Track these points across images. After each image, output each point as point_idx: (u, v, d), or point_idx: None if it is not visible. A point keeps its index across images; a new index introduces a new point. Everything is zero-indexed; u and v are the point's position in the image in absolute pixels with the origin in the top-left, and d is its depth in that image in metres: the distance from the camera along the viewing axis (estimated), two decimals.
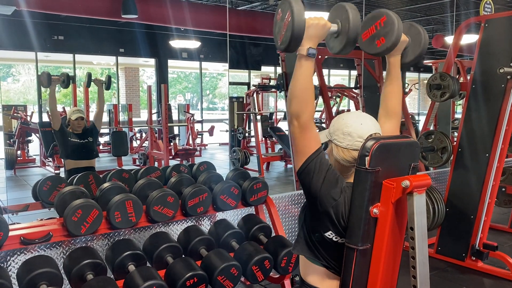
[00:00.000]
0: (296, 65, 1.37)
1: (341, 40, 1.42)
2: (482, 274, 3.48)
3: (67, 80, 4.16)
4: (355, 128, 1.45)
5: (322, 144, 1.45)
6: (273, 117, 10.65)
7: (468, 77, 3.73)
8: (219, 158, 10.36)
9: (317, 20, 1.36)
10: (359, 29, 1.42)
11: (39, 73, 11.01)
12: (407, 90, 11.55)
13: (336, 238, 1.40)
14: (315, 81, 4.99)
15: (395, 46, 1.50)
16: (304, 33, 1.32)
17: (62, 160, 4.13)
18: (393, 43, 1.48)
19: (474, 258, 3.55)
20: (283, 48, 1.36)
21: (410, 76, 19.13)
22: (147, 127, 7.93)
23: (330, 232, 1.40)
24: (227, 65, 14.10)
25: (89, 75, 4.64)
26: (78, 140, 3.91)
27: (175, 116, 11.63)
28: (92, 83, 4.43)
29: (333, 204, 1.36)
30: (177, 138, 10.01)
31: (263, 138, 9.34)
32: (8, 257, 2.32)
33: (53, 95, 3.89)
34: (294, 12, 1.30)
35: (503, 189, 4.31)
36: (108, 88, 4.50)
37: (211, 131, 10.99)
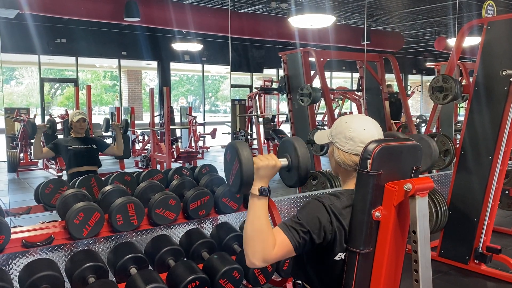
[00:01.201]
0: (249, 205, 1.35)
1: (293, 175, 1.44)
2: (486, 277, 3.47)
3: (53, 127, 4.22)
4: (358, 133, 1.43)
5: (324, 145, 1.44)
6: (275, 119, 10.66)
7: (471, 80, 3.71)
8: (221, 161, 10.32)
9: (267, 160, 1.35)
10: (309, 165, 1.44)
11: (42, 76, 11.07)
12: (409, 92, 11.54)
13: (340, 256, 1.38)
14: (317, 83, 4.99)
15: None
16: (255, 175, 1.32)
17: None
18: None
19: (477, 261, 3.53)
20: (235, 191, 1.37)
21: (413, 78, 19.11)
22: (150, 130, 7.94)
23: (339, 253, 1.37)
24: (229, 67, 14.12)
25: (107, 121, 4.72)
26: (79, 146, 3.87)
27: (177, 119, 11.65)
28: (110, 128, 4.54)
29: (332, 235, 1.35)
30: (180, 140, 10.02)
31: (265, 141, 9.34)
32: (10, 260, 2.31)
33: (38, 144, 3.87)
34: (241, 161, 1.30)
35: (507, 192, 4.29)
36: (125, 132, 4.59)
37: (213, 134, 11.01)
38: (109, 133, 9.56)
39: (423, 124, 9.79)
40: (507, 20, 3.38)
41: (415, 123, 8.20)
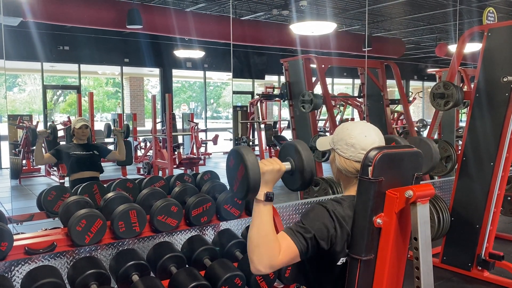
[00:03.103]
0: (254, 211, 1.33)
1: (296, 178, 1.41)
2: (488, 284, 3.45)
3: (54, 132, 4.25)
4: (359, 140, 1.43)
5: (326, 151, 1.44)
6: (277, 126, 10.67)
7: (472, 86, 3.72)
8: (223, 167, 10.32)
9: (271, 165, 1.34)
10: (314, 168, 1.40)
11: (44, 83, 11.12)
12: (411, 98, 11.55)
13: (342, 260, 1.38)
14: (319, 90, 5.01)
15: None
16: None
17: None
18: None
19: (480, 268, 3.52)
20: (240, 197, 1.33)
21: (414, 84, 19.12)
22: (152, 136, 7.96)
23: (341, 258, 1.37)
24: (231, 74, 14.16)
25: (108, 126, 4.75)
26: (81, 152, 3.88)
27: (179, 125, 11.68)
28: (112, 133, 4.57)
29: (336, 240, 1.34)
30: (181, 147, 10.03)
31: (267, 147, 9.35)
32: (13, 267, 2.32)
33: (39, 150, 3.88)
34: (248, 167, 1.27)
35: (509, 198, 4.28)
36: (127, 136, 4.60)
37: (215, 140, 11.02)
38: (111, 139, 9.59)
39: (423, 129, 9.79)
40: (508, 27, 3.40)
41: (416, 129, 8.20)
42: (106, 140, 9.08)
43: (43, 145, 3.95)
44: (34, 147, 8.74)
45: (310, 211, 1.38)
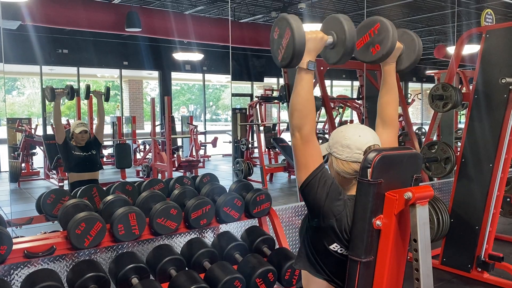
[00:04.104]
0: (296, 79, 1.38)
1: (338, 51, 1.41)
2: (488, 285, 3.45)
3: (72, 92, 4.20)
4: (354, 140, 1.46)
5: (324, 156, 1.45)
6: (276, 128, 10.67)
7: (471, 87, 3.73)
8: (223, 170, 10.36)
9: (314, 34, 1.37)
10: (355, 40, 1.41)
11: (43, 86, 11.12)
12: (409, 100, 11.56)
13: (341, 250, 1.40)
14: (317, 92, 5.01)
15: (390, 53, 1.50)
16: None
17: (66, 173, 4.15)
18: (389, 50, 1.48)
19: (479, 269, 3.52)
20: (284, 64, 1.36)
21: (413, 86, 19.15)
22: (151, 139, 7.96)
23: (335, 244, 1.39)
24: (230, 76, 14.17)
25: (87, 87, 4.67)
26: (81, 153, 3.93)
27: (178, 128, 11.67)
28: (91, 95, 4.48)
29: (337, 217, 1.36)
30: (181, 149, 10.03)
31: (266, 149, 9.35)
32: (12, 271, 2.32)
33: (57, 109, 3.92)
34: (294, 29, 1.30)
35: (508, 199, 4.28)
36: (107, 99, 4.54)
37: (214, 143, 11.01)
38: (110, 143, 9.59)
39: (423, 137, 9.81)
40: (506, 28, 3.41)
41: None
42: (105, 141, 9.07)
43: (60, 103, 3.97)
44: (34, 151, 8.78)
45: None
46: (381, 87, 1.69)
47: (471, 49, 6.98)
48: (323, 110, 5.35)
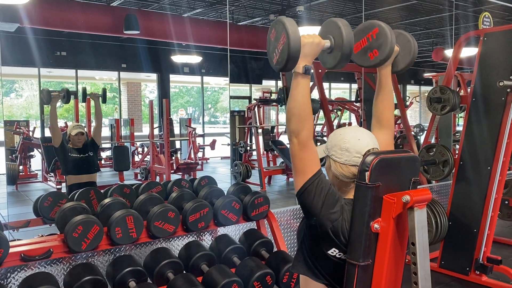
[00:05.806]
0: (292, 83, 1.37)
1: (335, 56, 1.40)
2: None
3: (67, 96, 4.18)
4: (353, 143, 1.45)
5: (322, 159, 1.45)
6: (275, 130, 10.66)
7: (469, 90, 3.73)
8: (221, 172, 10.35)
9: (311, 38, 1.36)
10: (353, 45, 1.40)
11: (41, 89, 11.10)
12: (408, 103, 11.58)
13: (339, 254, 1.39)
14: (316, 94, 5.01)
15: (388, 58, 1.50)
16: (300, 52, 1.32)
17: (64, 175, 4.13)
18: (387, 55, 1.48)
19: (478, 272, 3.52)
20: (279, 68, 1.35)
21: (411, 89, 19.19)
22: (149, 142, 7.95)
23: (333, 249, 1.39)
24: (228, 79, 14.18)
25: (83, 90, 4.64)
26: (78, 155, 3.91)
27: (176, 130, 11.65)
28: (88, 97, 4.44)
29: (334, 224, 1.36)
30: (179, 152, 10.02)
31: (265, 152, 9.34)
32: (8, 274, 2.30)
33: (53, 112, 3.91)
34: (289, 34, 1.28)
35: (506, 202, 4.28)
36: (104, 101, 4.49)
37: (212, 145, 11.00)
38: (108, 145, 9.56)
39: (421, 133, 9.82)
40: (503, 31, 3.41)
41: (413, 133, 8.21)
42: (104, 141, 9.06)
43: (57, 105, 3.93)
44: (32, 153, 8.76)
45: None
46: (376, 89, 1.69)
47: (469, 52, 7.00)
48: (321, 113, 5.35)
